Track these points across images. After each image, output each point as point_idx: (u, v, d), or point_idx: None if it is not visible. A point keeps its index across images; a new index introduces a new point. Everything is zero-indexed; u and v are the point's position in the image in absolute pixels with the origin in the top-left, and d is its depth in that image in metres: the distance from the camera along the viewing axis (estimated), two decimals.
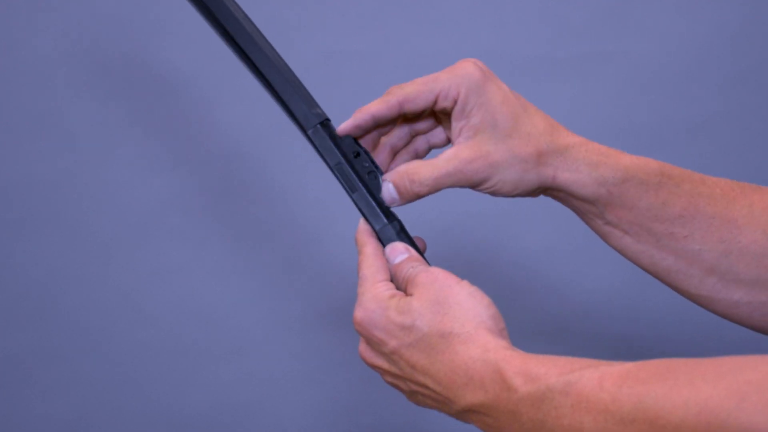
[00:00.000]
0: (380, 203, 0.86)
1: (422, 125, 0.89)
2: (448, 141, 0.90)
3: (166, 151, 1.56)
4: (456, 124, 0.85)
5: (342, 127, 0.87)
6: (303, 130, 0.88)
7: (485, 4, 1.51)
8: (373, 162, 0.87)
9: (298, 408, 1.63)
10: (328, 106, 0.96)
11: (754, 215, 0.86)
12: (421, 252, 0.85)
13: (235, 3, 0.89)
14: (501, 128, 0.83)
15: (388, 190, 0.85)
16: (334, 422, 1.64)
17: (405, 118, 0.89)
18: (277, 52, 0.89)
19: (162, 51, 1.52)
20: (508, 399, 0.71)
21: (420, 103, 0.85)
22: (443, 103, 0.84)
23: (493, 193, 0.85)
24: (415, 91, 0.85)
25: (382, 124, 0.88)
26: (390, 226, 0.85)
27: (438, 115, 0.89)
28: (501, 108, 0.84)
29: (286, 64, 0.89)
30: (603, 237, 0.89)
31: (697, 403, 0.60)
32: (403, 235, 0.86)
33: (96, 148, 1.55)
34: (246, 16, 0.89)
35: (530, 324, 1.59)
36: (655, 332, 1.62)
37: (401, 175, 0.84)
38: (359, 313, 0.80)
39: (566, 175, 0.85)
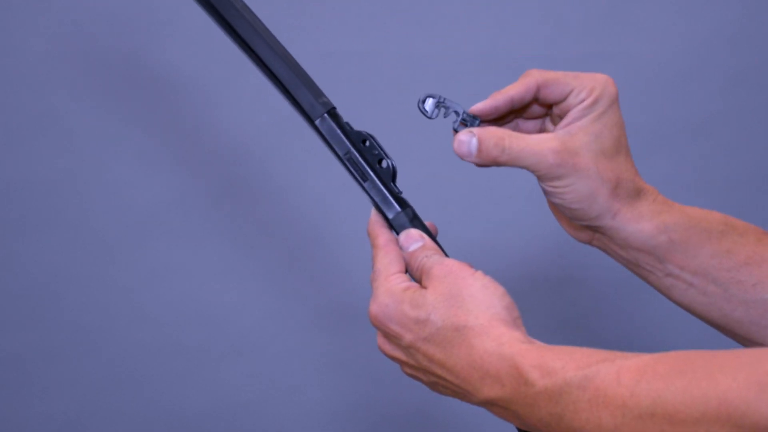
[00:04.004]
0: (392, 190, 0.85)
1: (527, 125, 0.88)
2: None
3: (166, 151, 1.56)
4: (565, 120, 0.83)
5: (478, 106, 0.84)
6: (310, 120, 0.86)
7: (485, 4, 1.51)
8: (381, 149, 0.86)
9: (298, 408, 1.63)
10: None
11: None
12: (434, 238, 0.85)
13: None
14: (601, 143, 0.83)
15: (469, 142, 0.82)
16: (334, 422, 1.64)
17: (514, 111, 0.87)
18: (280, 43, 0.88)
19: (161, 50, 1.52)
20: (526, 393, 0.71)
21: (556, 91, 0.83)
22: (572, 100, 0.83)
23: (557, 199, 0.83)
24: (556, 78, 0.83)
25: (517, 109, 0.86)
26: (403, 213, 0.84)
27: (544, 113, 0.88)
28: (612, 128, 0.83)
29: (289, 54, 0.88)
30: (665, 292, 0.86)
31: (717, 396, 0.60)
32: (417, 222, 0.85)
33: (96, 147, 1.55)
34: (247, 7, 0.89)
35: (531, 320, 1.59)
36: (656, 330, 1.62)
37: (490, 134, 0.82)
38: (374, 308, 0.79)
39: (629, 215, 0.83)
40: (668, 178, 1.56)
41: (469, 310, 0.76)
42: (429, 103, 0.87)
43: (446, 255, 0.84)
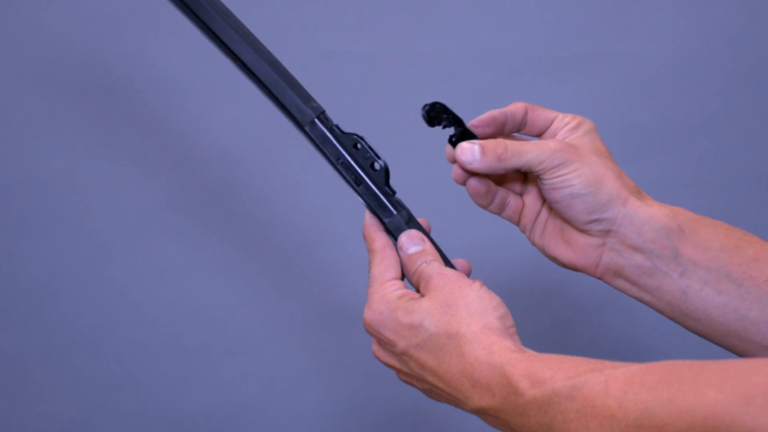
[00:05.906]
0: (386, 193, 0.85)
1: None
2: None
3: (166, 151, 1.56)
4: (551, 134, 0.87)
5: (475, 120, 0.87)
6: (299, 125, 0.86)
7: (485, 4, 1.51)
8: (373, 152, 0.85)
9: (298, 408, 1.63)
10: (327, 106, 0.96)
11: None
12: (433, 241, 0.85)
13: (220, 2, 0.87)
14: (595, 146, 0.85)
15: (471, 148, 0.84)
16: (334, 422, 1.64)
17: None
18: (266, 47, 0.87)
19: (161, 51, 1.52)
20: (515, 402, 0.71)
21: (542, 116, 0.87)
22: (557, 124, 0.86)
23: (566, 189, 0.83)
24: (540, 108, 0.88)
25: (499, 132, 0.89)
26: (398, 216, 0.84)
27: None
28: (600, 145, 0.86)
29: (276, 59, 0.87)
30: (681, 300, 0.84)
31: (704, 408, 0.60)
32: (413, 224, 0.85)
33: (96, 147, 1.55)
34: (230, 12, 0.87)
35: (530, 324, 1.59)
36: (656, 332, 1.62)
37: (490, 140, 0.84)
38: (368, 315, 0.80)
39: (638, 203, 0.84)
40: (668, 178, 1.56)
41: (462, 318, 0.76)
42: (433, 111, 0.87)
43: (444, 255, 0.84)
